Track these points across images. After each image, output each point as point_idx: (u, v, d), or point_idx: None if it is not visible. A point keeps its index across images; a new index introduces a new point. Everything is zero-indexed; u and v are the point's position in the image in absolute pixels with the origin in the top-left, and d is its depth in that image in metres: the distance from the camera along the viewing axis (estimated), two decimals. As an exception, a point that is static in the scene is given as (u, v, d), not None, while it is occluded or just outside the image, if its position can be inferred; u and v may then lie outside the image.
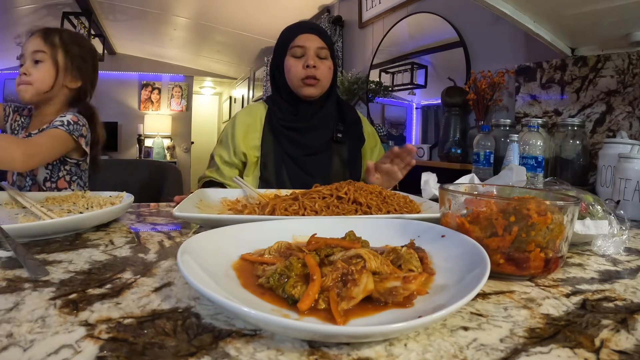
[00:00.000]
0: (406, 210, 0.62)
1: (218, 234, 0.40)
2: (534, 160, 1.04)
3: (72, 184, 1.02)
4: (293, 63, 1.00)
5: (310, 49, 1.00)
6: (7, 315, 0.27)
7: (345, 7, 3.11)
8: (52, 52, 0.98)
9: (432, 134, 2.28)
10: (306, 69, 0.99)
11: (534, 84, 1.46)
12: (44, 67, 0.98)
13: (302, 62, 1.00)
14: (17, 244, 0.40)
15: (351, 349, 0.25)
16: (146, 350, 0.24)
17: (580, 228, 0.49)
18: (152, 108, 5.54)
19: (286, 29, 1.08)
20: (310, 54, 1.00)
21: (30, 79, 0.96)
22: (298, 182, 0.99)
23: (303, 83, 1.00)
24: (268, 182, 0.99)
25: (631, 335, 0.28)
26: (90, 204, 0.65)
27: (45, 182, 1.00)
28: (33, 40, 0.98)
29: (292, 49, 1.00)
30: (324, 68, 1.01)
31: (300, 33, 1.00)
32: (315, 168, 1.02)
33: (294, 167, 1.00)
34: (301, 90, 1.01)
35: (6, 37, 3.92)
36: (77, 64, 1.02)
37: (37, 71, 0.97)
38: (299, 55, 1.00)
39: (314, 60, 0.99)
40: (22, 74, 0.96)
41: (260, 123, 1.04)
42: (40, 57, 0.97)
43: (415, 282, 0.30)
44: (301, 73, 0.99)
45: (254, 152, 1.01)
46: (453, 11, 2.01)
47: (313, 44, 1.00)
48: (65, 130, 0.93)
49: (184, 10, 3.70)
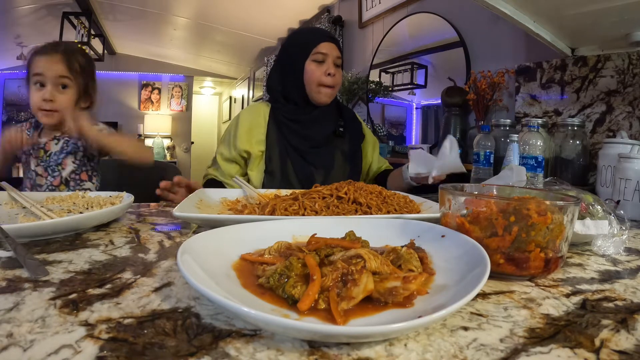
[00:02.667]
0: (406, 210, 0.62)
1: (218, 234, 0.40)
2: (534, 160, 1.03)
3: (93, 178, 1.09)
4: (314, 68, 1.04)
5: (330, 57, 1.04)
6: (7, 315, 0.27)
7: (345, 7, 3.11)
8: (75, 78, 1.01)
9: (432, 134, 2.28)
10: (327, 77, 1.04)
11: (534, 84, 1.46)
12: (69, 94, 1.01)
13: (323, 68, 1.04)
14: (17, 244, 0.40)
15: (351, 349, 0.25)
16: (146, 350, 0.24)
17: (580, 228, 0.49)
18: (152, 108, 5.54)
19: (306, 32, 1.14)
20: (330, 62, 1.04)
21: (57, 106, 0.99)
22: (302, 174, 1.02)
23: (320, 90, 1.04)
24: (273, 174, 1.01)
25: (631, 335, 0.28)
26: (90, 204, 0.64)
27: (70, 174, 1.05)
28: (55, 65, 0.98)
29: (314, 54, 1.04)
30: (339, 77, 1.07)
31: (323, 40, 1.05)
32: (319, 160, 1.05)
33: (298, 159, 1.02)
34: (317, 95, 1.05)
35: (6, 37, 3.92)
36: (91, 85, 1.07)
37: (63, 98, 1.00)
38: (320, 61, 1.04)
39: (334, 69, 1.05)
40: (47, 100, 0.98)
41: (265, 120, 1.07)
42: (66, 82, 1.00)
43: (415, 282, 0.30)
44: (322, 79, 1.04)
45: (259, 147, 1.03)
46: (453, 11, 2.01)
47: (333, 52, 1.05)
48: None
49: (184, 10, 3.70)
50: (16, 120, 4.80)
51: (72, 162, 1.05)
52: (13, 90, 4.80)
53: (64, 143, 1.04)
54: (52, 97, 0.98)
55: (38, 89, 0.98)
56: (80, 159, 1.06)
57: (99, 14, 3.85)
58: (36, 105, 0.99)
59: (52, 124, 1.01)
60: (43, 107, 0.98)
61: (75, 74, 1.01)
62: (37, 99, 0.98)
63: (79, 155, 1.06)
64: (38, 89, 0.98)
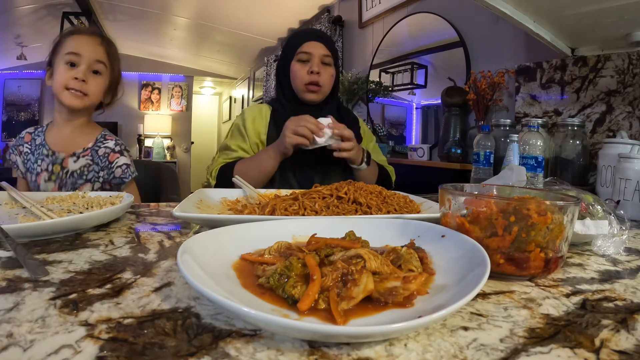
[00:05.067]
0: (406, 210, 0.62)
1: (218, 234, 0.40)
2: (534, 160, 1.03)
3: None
4: (299, 68, 1.05)
5: (315, 56, 1.05)
6: (7, 315, 0.27)
7: (345, 7, 3.11)
8: (110, 65, 0.96)
9: (432, 134, 2.28)
10: (310, 75, 1.04)
11: (534, 84, 1.46)
12: (102, 81, 0.95)
13: (307, 67, 1.05)
14: (17, 244, 0.40)
15: (351, 349, 0.25)
16: (146, 350, 0.24)
17: (580, 228, 0.49)
18: (152, 108, 5.54)
19: (294, 33, 1.14)
20: (315, 61, 1.05)
21: (86, 89, 0.91)
22: (301, 175, 1.03)
23: (306, 88, 1.06)
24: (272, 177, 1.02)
25: (631, 335, 0.28)
26: (90, 204, 0.64)
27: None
28: (95, 47, 0.92)
29: (298, 54, 1.05)
30: (326, 75, 1.07)
31: (307, 40, 1.06)
32: (318, 162, 1.05)
33: (297, 161, 1.03)
34: (304, 94, 1.07)
35: (6, 37, 3.92)
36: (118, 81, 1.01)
37: (95, 83, 0.93)
38: (304, 60, 1.05)
39: (318, 67, 1.04)
40: (80, 79, 0.90)
41: (266, 121, 1.09)
42: (101, 68, 0.94)
43: (415, 282, 0.30)
44: (305, 78, 1.05)
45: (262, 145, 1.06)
46: (453, 11, 2.01)
47: (318, 51, 1.05)
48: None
49: (184, 10, 3.70)
50: (16, 121, 4.80)
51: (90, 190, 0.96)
52: (13, 90, 4.81)
53: (85, 167, 0.96)
54: (85, 77, 0.90)
55: (69, 68, 0.90)
56: (98, 189, 0.98)
57: (99, 14, 3.84)
58: (63, 84, 0.90)
59: (77, 107, 0.92)
60: (73, 86, 0.90)
61: (112, 61, 0.96)
62: (67, 77, 0.89)
63: (96, 185, 0.97)
64: (69, 68, 0.90)
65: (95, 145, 0.97)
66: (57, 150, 0.95)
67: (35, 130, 1.00)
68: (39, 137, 0.98)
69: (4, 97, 4.80)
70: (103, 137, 1.00)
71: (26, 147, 0.98)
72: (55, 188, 0.94)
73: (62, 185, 0.95)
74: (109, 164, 0.97)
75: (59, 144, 0.96)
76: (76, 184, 0.95)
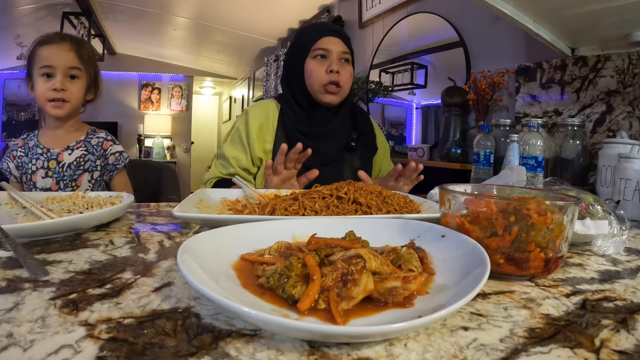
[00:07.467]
0: (406, 210, 0.62)
1: (218, 234, 0.40)
2: (534, 160, 1.03)
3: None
4: (315, 66, 0.95)
5: (333, 53, 0.95)
6: (7, 315, 0.27)
7: (345, 7, 3.11)
8: (85, 68, 0.98)
9: (432, 134, 2.28)
10: (329, 74, 0.94)
11: (534, 84, 1.46)
12: (80, 84, 0.97)
13: (324, 66, 0.95)
14: (17, 244, 0.40)
15: (351, 349, 0.25)
16: (146, 350, 0.24)
17: (580, 228, 0.49)
18: (152, 108, 5.54)
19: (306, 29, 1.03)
20: (334, 59, 0.95)
21: (67, 96, 0.94)
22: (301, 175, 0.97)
23: (324, 89, 0.95)
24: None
25: (631, 335, 0.28)
26: (90, 204, 0.64)
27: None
28: (65, 54, 0.94)
29: (314, 51, 0.96)
30: (346, 74, 0.97)
31: (323, 35, 0.96)
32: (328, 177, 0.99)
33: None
34: (321, 96, 0.97)
35: (6, 37, 3.92)
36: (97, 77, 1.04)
37: (74, 88, 0.96)
38: (322, 57, 0.96)
39: (338, 65, 0.95)
40: (58, 89, 0.92)
41: (273, 124, 1.00)
42: (76, 73, 0.96)
43: (415, 282, 0.30)
44: (324, 78, 0.95)
45: (267, 157, 0.98)
46: (453, 11, 2.01)
47: (337, 47, 0.96)
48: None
49: (184, 10, 3.70)
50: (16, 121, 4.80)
51: (88, 181, 1.00)
52: (13, 90, 4.80)
53: (80, 158, 0.99)
54: (62, 86, 0.92)
55: (45, 80, 0.93)
56: (97, 178, 1.01)
57: (99, 14, 3.85)
58: (44, 97, 0.92)
59: (62, 116, 0.96)
60: (53, 97, 0.92)
61: (86, 63, 0.97)
62: (45, 90, 0.92)
63: (95, 174, 1.01)
64: (45, 80, 0.93)
65: (87, 138, 1.02)
66: (51, 148, 0.99)
67: (28, 135, 1.04)
68: (31, 140, 1.01)
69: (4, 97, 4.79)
70: (93, 130, 1.05)
71: (20, 152, 1.01)
72: (54, 183, 0.97)
73: (60, 180, 0.97)
74: (103, 152, 1.02)
75: (52, 142, 1.00)
76: (74, 176, 0.98)
